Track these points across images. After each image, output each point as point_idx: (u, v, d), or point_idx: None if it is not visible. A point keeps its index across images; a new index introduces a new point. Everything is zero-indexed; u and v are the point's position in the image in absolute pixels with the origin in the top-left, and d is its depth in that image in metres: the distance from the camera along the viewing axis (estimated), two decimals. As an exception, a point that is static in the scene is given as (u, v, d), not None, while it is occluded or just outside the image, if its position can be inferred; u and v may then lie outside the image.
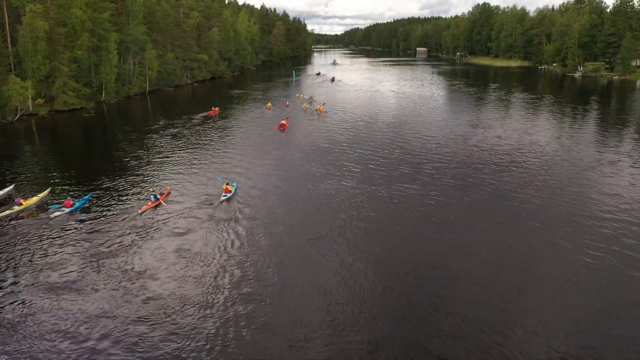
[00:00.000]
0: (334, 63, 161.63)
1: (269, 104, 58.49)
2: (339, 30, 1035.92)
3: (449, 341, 13.73)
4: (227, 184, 25.05)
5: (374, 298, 15.84)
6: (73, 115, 50.43)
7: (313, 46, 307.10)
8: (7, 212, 23.07)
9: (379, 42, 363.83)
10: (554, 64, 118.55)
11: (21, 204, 23.58)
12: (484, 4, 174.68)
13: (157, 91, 70.97)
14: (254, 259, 18.44)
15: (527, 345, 13.60)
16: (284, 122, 44.39)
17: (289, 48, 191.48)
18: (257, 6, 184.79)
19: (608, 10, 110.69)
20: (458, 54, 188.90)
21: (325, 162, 32.09)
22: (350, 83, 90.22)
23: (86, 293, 16.05)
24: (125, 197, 25.44)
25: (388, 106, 59.88)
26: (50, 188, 25.87)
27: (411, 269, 17.81)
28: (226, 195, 24.33)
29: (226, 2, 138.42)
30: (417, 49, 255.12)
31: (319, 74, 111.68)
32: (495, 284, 16.79)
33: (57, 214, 22.58)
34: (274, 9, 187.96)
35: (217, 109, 54.13)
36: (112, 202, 24.57)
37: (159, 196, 24.32)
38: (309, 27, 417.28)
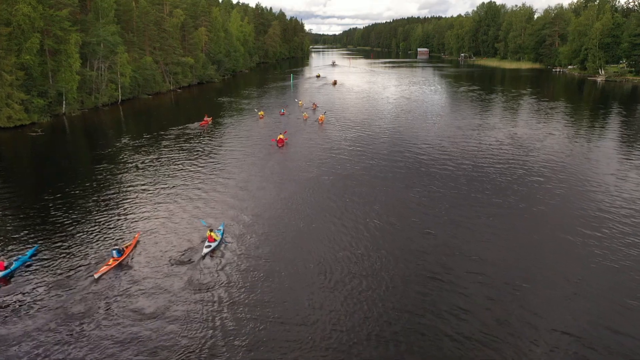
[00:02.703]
0: (333, 64, 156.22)
1: (261, 113, 51.82)
2: (337, 30, 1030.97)
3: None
4: (212, 231, 19.80)
5: None
6: (20, 134, 41.52)
7: (311, 46, 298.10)
8: None
9: (378, 42, 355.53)
10: (570, 67, 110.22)
11: None
12: (490, 2, 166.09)
13: (133, 100, 62.04)
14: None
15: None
16: (281, 136, 37.86)
17: (285, 49, 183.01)
18: (253, 5, 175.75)
19: (620, 9, 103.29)
20: (462, 55, 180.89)
21: (335, 201, 25.12)
22: (354, 88, 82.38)
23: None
24: (80, 252, 19.28)
25: (399, 116, 52.60)
26: None
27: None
28: (210, 246, 19.28)
29: (220, 0, 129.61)
30: (418, 49, 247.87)
31: (318, 76, 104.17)
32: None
33: None
34: (270, 8, 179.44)
35: (209, 118, 47.59)
36: (61, 261, 18.48)
37: (124, 249, 18.89)
38: (307, 27, 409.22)
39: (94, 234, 21.03)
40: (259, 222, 22.36)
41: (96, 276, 17.14)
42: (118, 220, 22.76)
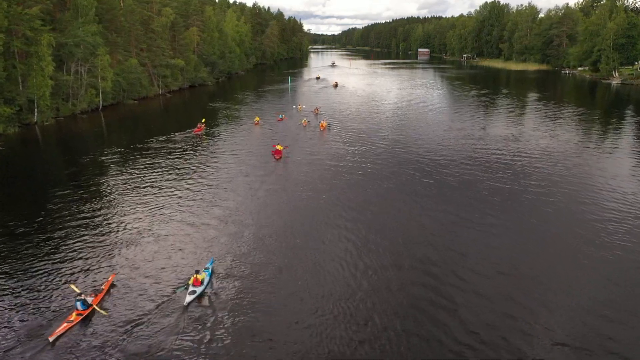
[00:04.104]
0: (333, 65, 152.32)
1: (257, 119, 47.60)
2: (336, 30, 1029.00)
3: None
4: (197, 273, 16.06)
5: None
6: (-21, 148, 36.60)
7: (310, 47, 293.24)
8: None
9: (378, 42, 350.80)
10: (580, 68, 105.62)
11: None
12: (493, 2, 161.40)
13: (116, 106, 57.01)
14: None
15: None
16: (279, 147, 33.80)
17: (284, 49, 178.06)
18: (250, 4, 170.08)
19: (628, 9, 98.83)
20: (465, 55, 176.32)
21: (346, 229, 21.05)
22: (357, 92, 77.85)
23: None
24: (37, 303, 15.28)
25: (408, 123, 48.22)
26: None
27: None
28: (195, 292, 15.62)
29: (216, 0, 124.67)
30: (419, 49, 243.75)
31: (318, 78, 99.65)
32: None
33: None
34: (268, 7, 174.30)
35: (203, 124, 43.47)
36: (12, 316, 14.56)
37: (91, 300, 14.94)
38: (306, 27, 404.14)
39: (57, 278, 16.85)
40: (255, 260, 18.18)
41: (51, 339, 13.42)
42: (88, 258, 18.32)
